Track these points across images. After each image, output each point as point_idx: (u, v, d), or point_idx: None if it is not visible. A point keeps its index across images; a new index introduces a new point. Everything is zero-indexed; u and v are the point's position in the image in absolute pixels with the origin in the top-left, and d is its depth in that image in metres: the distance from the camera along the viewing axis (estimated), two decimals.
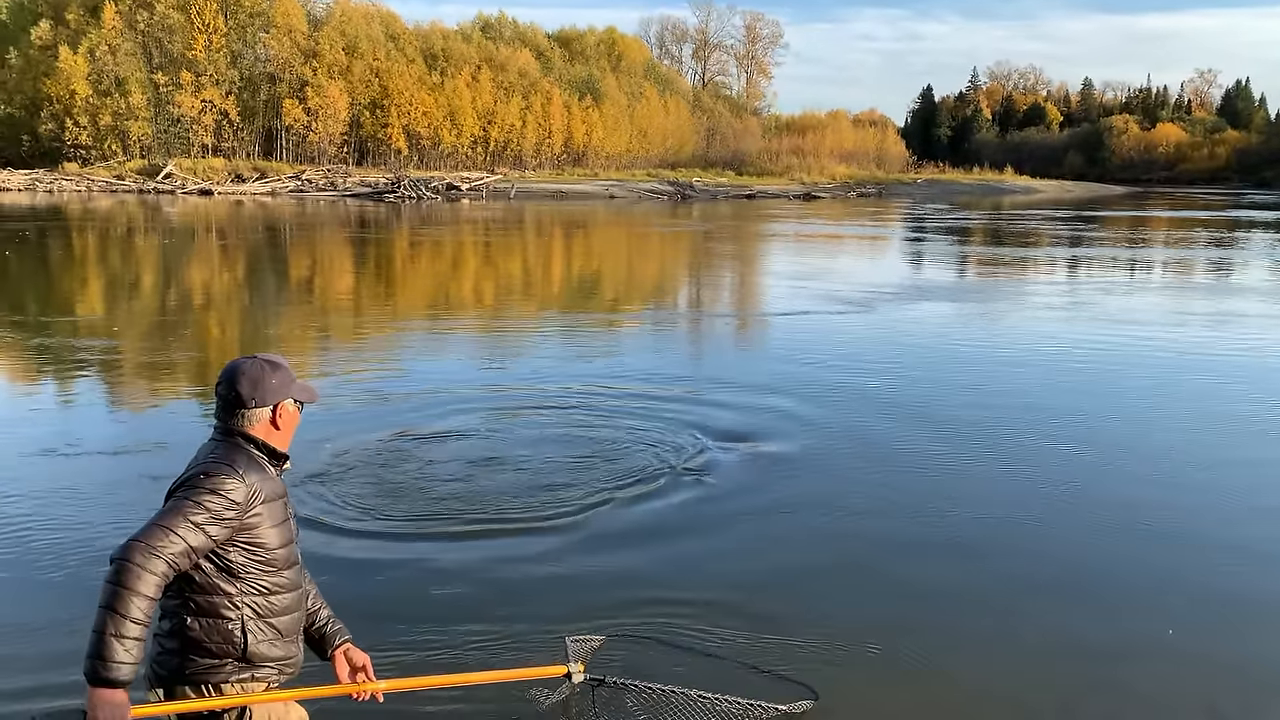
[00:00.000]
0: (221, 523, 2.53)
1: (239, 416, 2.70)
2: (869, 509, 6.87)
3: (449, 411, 9.21)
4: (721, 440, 8.34)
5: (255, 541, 2.63)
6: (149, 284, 20.07)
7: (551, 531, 6.30)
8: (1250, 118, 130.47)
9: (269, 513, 2.66)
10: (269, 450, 2.72)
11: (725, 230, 39.40)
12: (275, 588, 2.69)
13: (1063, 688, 4.55)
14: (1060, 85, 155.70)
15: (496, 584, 5.50)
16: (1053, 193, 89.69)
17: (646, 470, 7.51)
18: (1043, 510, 6.89)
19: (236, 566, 2.61)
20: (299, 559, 2.82)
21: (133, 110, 58.37)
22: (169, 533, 2.46)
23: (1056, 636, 5.05)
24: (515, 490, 7.04)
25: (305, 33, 65.87)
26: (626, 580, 5.59)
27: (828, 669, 4.62)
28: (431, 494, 6.96)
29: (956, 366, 11.94)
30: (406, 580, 5.53)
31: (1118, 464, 8.02)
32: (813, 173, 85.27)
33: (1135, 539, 6.41)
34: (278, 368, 2.76)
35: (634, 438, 8.38)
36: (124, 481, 7.14)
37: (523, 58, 78.53)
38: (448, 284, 21.45)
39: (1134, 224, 46.86)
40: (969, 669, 4.71)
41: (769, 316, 16.83)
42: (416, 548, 6.04)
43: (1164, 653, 4.90)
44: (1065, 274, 24.66)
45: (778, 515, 6.71)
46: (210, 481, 2.55)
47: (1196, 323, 15.89)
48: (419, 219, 41.01)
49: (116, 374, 11.18)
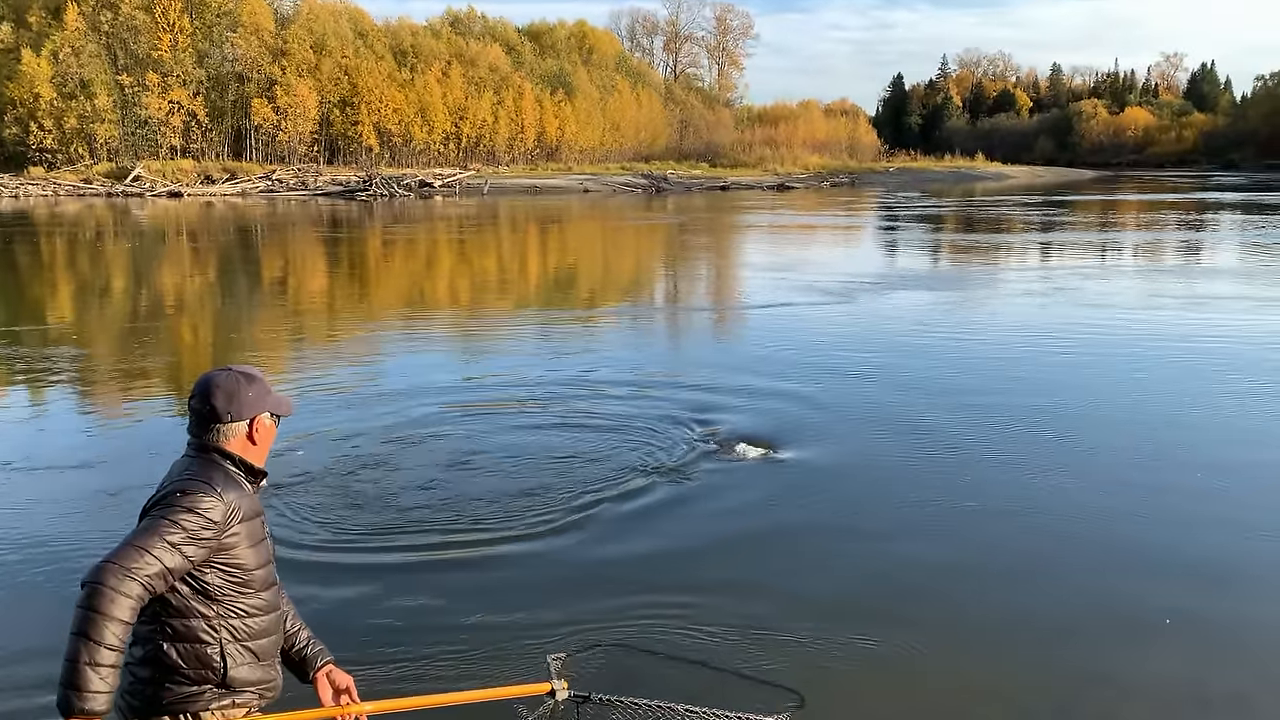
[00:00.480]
0: (199, 543, 2.44)
1: (214, 431, 2.60)
2: (856, 506, 6.84)
3: (420, 414, 9.10)
4: (702, 438, 8.29)
5: (233, 562, 2.54)
6: (118, 289, 19.80)
7: (528, 539, 6.18)
8: (1216, 100, 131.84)
9: (247, 532, 2.57)
10: (246, 466, 2.63)
11: (701, 222, 39.37)
12: (253, 610, 2.60)
13: (1059, 684, 4.53)
14: (1029, 71, 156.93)
15: (472, 596, 5.37)
16: (1024, 178, 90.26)
17: (626, 471, 7.44)
18: (1033, 501, 6.88)
19: (214, 588, 2.52)
20: (277, 579, 2.73)
21: (98, 113, 57.57)
22: (144, 553, 2.35)
23: (1052, 631, 5.03)
24: (491, 495, 6.93)
25: (273, 31, 65.18)
26: (608, 587, 5.50)
27: (815, 671, 4.58)
28: (399, 503, 6.78)
29: (940, 357, 11.94)
30: (372, 597, 5.32)
31: (1109, 450, 8.03)
32: (786, 163, 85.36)
33: (1130, 525, 6.42)
34: (253, 380, 2.66)
35: (613, 437, 8.32)
36: (90, 495, 7.00)
37: (493, 53, 78.08)
38: (421, 282, 21.29)
39: (1105, 208, 47.21)
40: (960, 666, 4.68)
41: (748, 310, 16.80)
42: (384, 560, 5.86)
43: (1162, 643, 4.89)
44: (1042, 260, 24.79)
45: (761, 514, 6.66)
46: (187, 500, 2.45)
47: (1178, 305, 15.97)
48: (391, 217, 40.73)
49: (83, 383, 11.00)
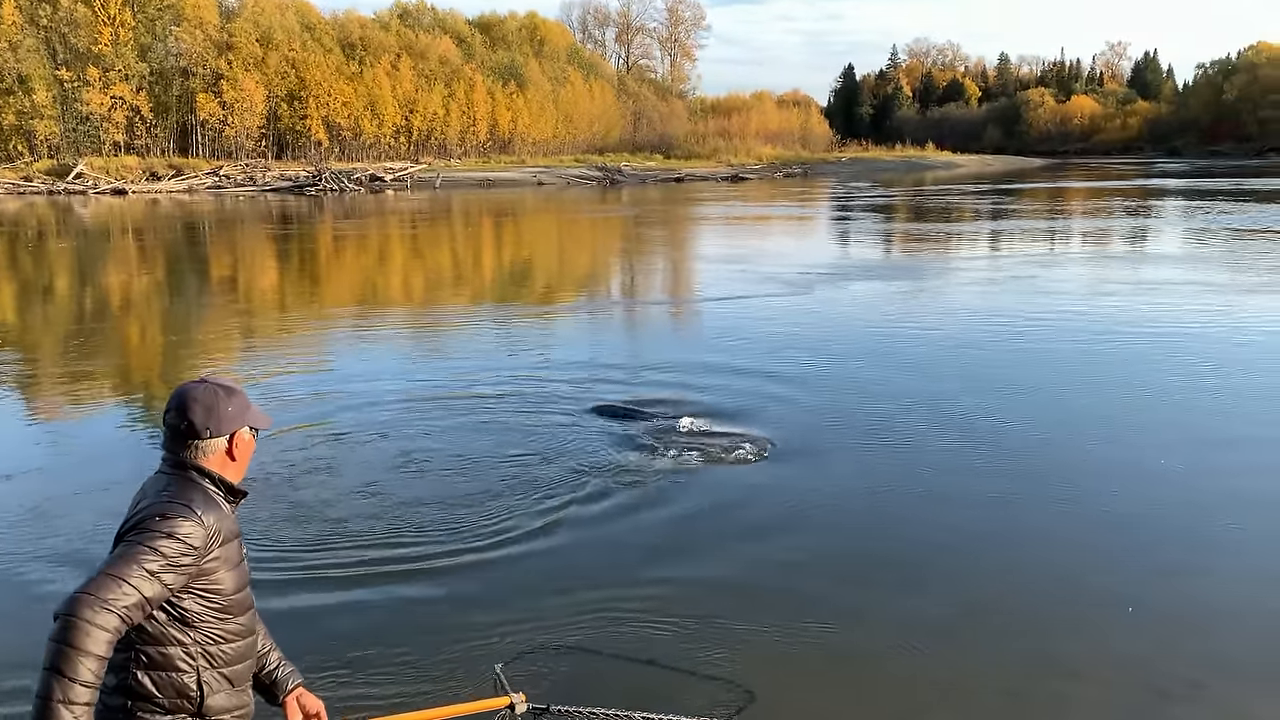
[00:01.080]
0: (178, 570, 2.32)
1: (192, 448, 2.47)
2: (812, 500, 6.84)
3: (368, 414, 8.96)
4: (658, 436, 8.25)
5: (212, 587, 2.43)
6: (60, 289, 19.33)
7: (471, 547, 6.02)
8: (1159, 88, 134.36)
9: (226, 555, 2.46)
10: (226, 486, 2.51)
11: (656, 214, 39.33)
12: (230, 635, 2.50)
13: (1013, 675, 4.56)
14: (978, 61, 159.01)
15: (416, 607, 5.24)
16: (973, 167, 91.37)
17: (575, 472, 7.38)
18: (997, 494, 6.93)
19: (191, 615, 2.41)
20: (253, 602, 2.62)
21: (38, 108, 56.18)
22: (121, 583, 2.22)
23: (1012, 626, 5.05)
24: (436, 500, 6.80)
25: (217, 25, 64.01)
26: (555, 590, 5.40)
27: (770, 668, 4.57)
28: (340, 512, 6.54)
29: (896, 347, 12.01)
30: (313, 613, 5.15)
31: (1076, 440, 8.12)
32: (739, 154, 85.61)
33: (1092, 521, 6.48)
34: (233, 393, 2.53)
35: (567, 435, 8.26)
36: (31, 504, 6.80)
37: (443, 45, 77.34)
38: (372, 279, 21.02)
39: (1053, 195, 47.90)
40: (915, 661, 4.68)
41: (704, 302, 16.80)
42: (327, 574, 5.63)
43: (1119, 632, 4.93)
44: (995, 248, 25.07)
45: (714, 513, 6.64)
46: (166, 524, 2.32)
47: (1129, 292, 16.20)
48: (342, 212, 40.22)
49: (23, 389, 10.71)
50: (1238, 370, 10.33)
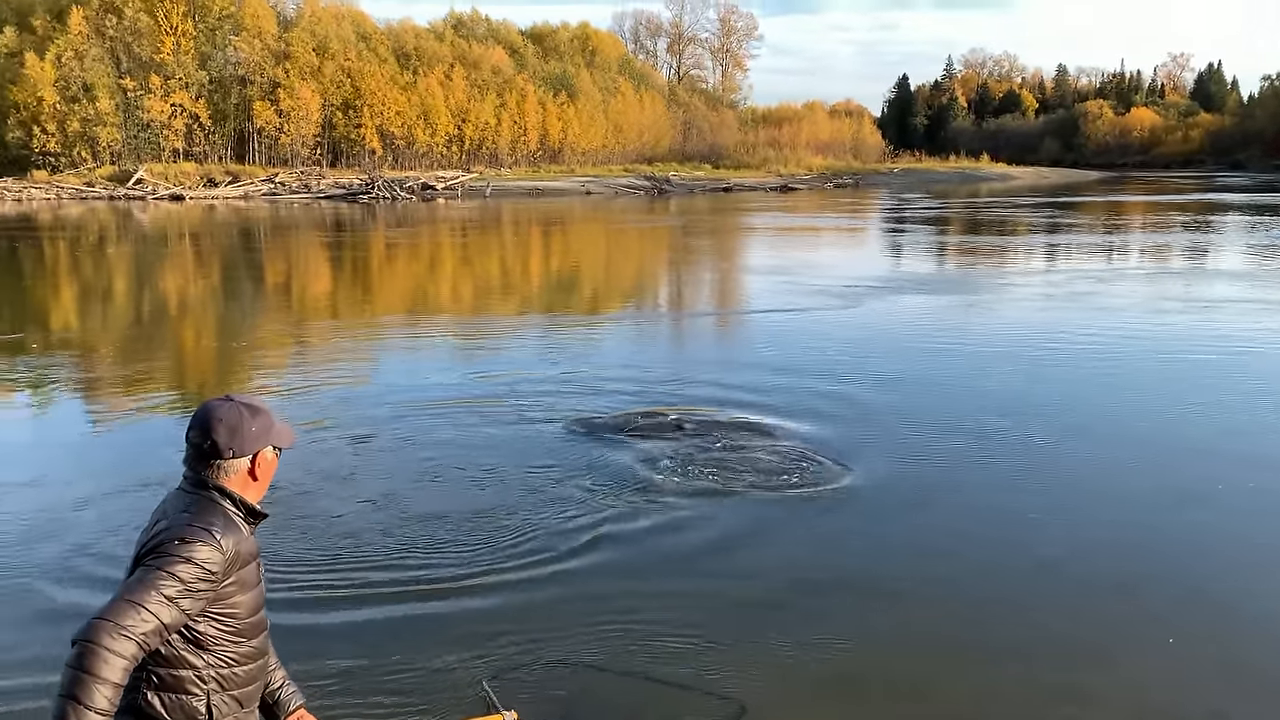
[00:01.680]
0: (196, 595, 2.31)
1: (214, 468, 2.45)
2: (854, 528, 6.67)
3: (404, 420, 8.93)
4: (695, 452, 8.11)
5: (228, 611, 2.42)
6: (120, 293, 19.68)
7: (473, 565, 5.91)
8: (1223, 100, 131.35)
9: (244, 578, 2.45)
10: (246, 508, 2.48)
11: (704, 224, 39.19)
12: (242, 658, 2.49)
13: (1024, 696, 4.37)
14: (1035, 72, 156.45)
15: (411, 625, 5.13)
16: (1029, 179, 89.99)
17: (602, 486, 7.27)
18: (1013, 512, 6.70)
19: (205, 638, 2.40)
20: (268, 624, 2.61)
21: (101, 116, 57.51)
22: (140, 610, 2.22)
23: (1022, 643, 4.86)
24: (447, 514, 6.71)
25: (275, 34, 65.16)
26: (545, 603, 5.31)
27: (757, 681, 4.47)
28: (350, 525, 6.49)
29: (952, 363, 11.74)
30: (307, 629, 5.06)
31: (1145, 460, 7.85)
32: (789, 164, 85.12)
33: (1131, 542, 6.24)
34: (257, 412, 2.51)
35: (599, 449, 8.15)
36: (82, 509, 6.84)
37: (496, 55, 77.98)
38: (421, 285, 21.13)
39: (1111, 210, 46.96)
40: (913, 677, 4.51)
41: (750, 315, 16.62)
42: (329, 593, 5.50)
43: (1142, 655, 4.71)
44: (1052, 263, 24.56)
45: (749, 537, 6.48)
46: (185, 549, 2.31)
47: (1193, 310, 15.73)
48: (394, 220, 40.60)
49: (83, 392, 10.86)
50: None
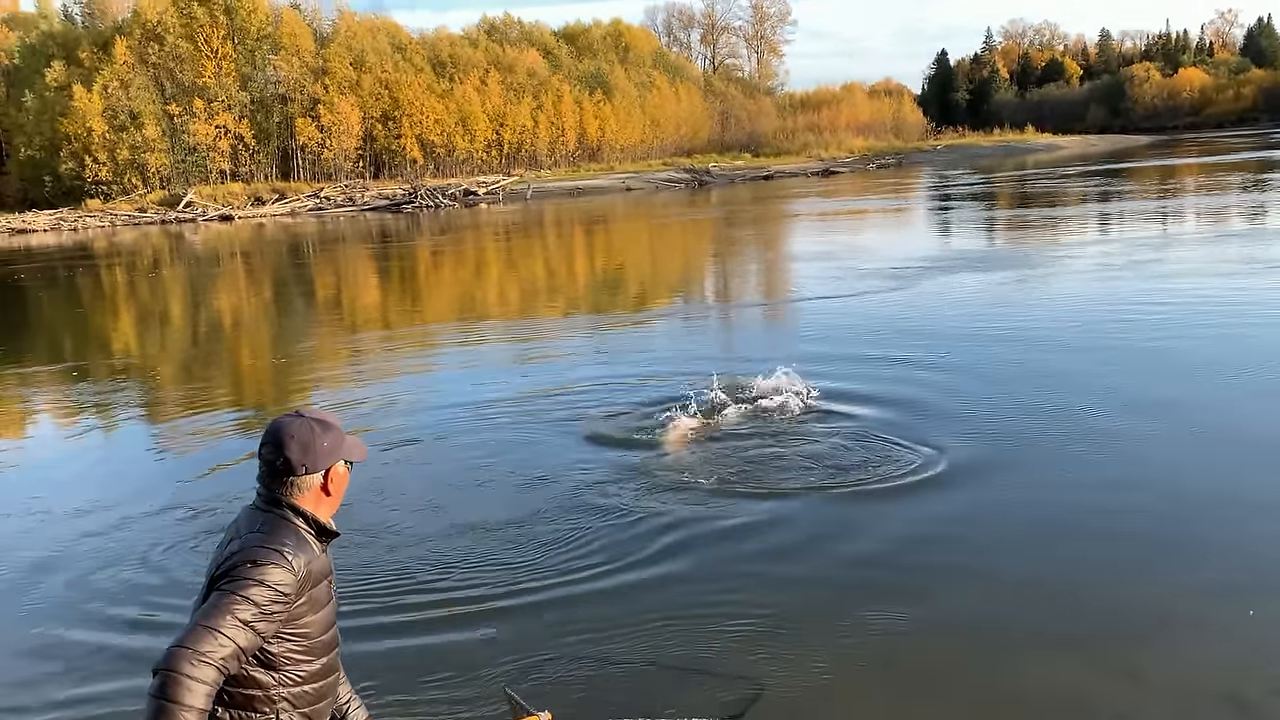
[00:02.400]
0: (270, 617, 2.35)
1: (287, 485, 2.47)
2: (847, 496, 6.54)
3: (454, 422, 8.95)
4: (756, 451, 8.02)
5: (299, 631, 2.44)
6: (175, 314, 20.05)
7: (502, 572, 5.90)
8: (1275, 55, 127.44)
9: (315, 596, 2.46)
10: (318, 526, 2.49)
11: (747, 214, 38.94)
12: (312, 676, 2.50)
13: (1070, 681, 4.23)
14: (1077, 38, 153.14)
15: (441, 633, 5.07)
16: (1076, 148, 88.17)
17: (647, 489, 7.21)
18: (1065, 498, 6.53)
19: (277, 658, 2.41)
20: (339, 641, 2.62)
21: (149, 143, 58.78)
22: (217, 635, 2.25)
23: (1047, 636, 4.72)
24: (486, 522, 6.75)
25: (313, 51, 66.08)
26: (547, 601, 5.30)
27: (775, 664, 4.47)
28: (389, 532, 6.55)
29: (1023, 342, 11.45)
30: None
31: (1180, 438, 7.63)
32: (830, 148, 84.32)
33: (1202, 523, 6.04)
34: (329, 428, 2.52)
35: (648, 453, 8.09)
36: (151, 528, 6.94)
37: (530, 57, 78.29)
38: (469, 290, 21.23)
39: (1163, 174, 45.82)
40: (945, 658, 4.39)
41: (802, 302, 16.38)
42: (366, 601, 5.46)
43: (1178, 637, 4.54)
44: (1109, 231, 23.98)
45: (810, 545, 6.39)
46: (258, 571, 2.33)
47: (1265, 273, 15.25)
48: (438, 227, 40.93)
49: (144, 413, 11.05)
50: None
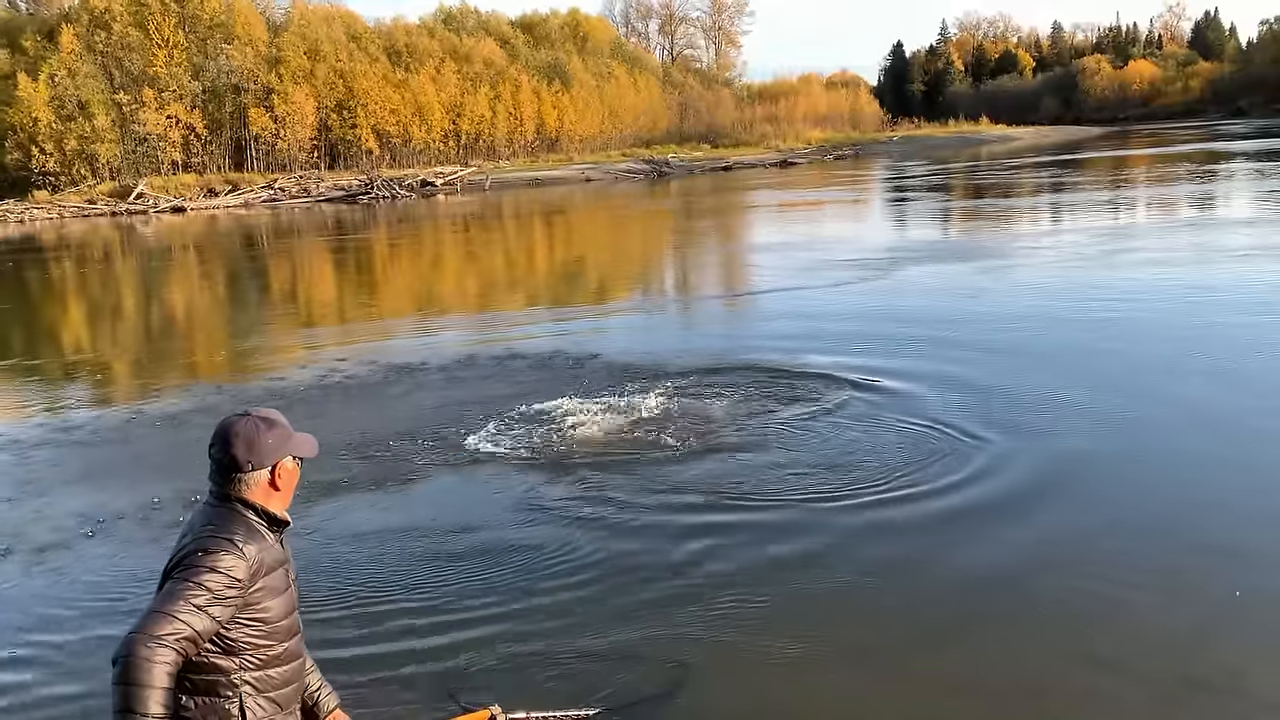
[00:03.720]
0: (224, 602, 2.42)
1: (235, 481, 2.56)
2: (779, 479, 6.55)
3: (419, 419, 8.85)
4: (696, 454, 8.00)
5: (257, 616, 2.52)
6: (127, 307, 19.64)
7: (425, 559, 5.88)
8: (1221, 48, 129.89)
9: (271, 583, 2.55)
10: (268, 516, 2.58)
11: (710, 205, 38.96)
12: (275, 660, 2.58)
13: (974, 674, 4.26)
14: (1030, 31, 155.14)
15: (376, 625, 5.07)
16: (1029, 139, 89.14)
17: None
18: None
19: (236, 643, 2.49)
20: (300, 628, 2.70)
21: (98, 133, 57.50)
22: (172, 619, 2.33)
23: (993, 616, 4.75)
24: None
25: (266, 40, 64.99)
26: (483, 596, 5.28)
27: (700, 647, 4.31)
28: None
29: (1014, 328, 11.58)
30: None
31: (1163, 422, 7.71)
32: (788, 139, 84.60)
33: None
34: (273, 424, 2.62)
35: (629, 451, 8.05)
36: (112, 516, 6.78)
37: (487, 47, 77.61)
38: (429, 282, 21.03)
39: (1117, 165, 46.49)
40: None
41: (773, 294, 16.44)
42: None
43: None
44: (1070, 222, 24.22)
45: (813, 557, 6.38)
46: (209, 559, 2.41)
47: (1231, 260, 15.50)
48: (395, 218, 40.50)
49: (95, 406, 10.81)
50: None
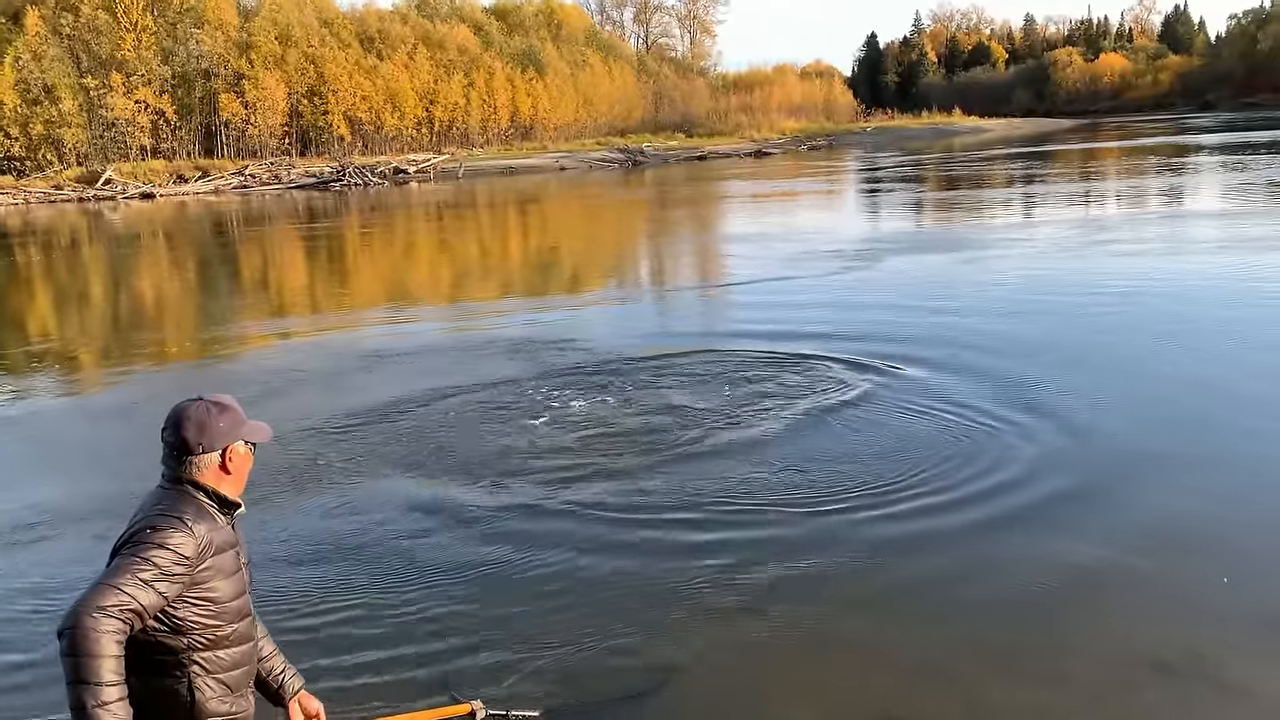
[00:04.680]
0: (172, 579, 2.40)
1: (186, 464, 2.57)
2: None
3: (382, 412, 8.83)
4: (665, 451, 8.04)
5: (206, 596, 2.51)
6: (95, 295, 19.41)
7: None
8: (1191, 42, 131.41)
9: (220, 564, 2.54)
10: (219, 498, 2.59)
11: (681, 195, 38.98)
12: (225, 641, 2.57)
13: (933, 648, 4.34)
14: (1003, 23, 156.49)
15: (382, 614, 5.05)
16: (1001, 131, 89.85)
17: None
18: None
19: (185, 623, 2.49)
20: (251, 610, 2.72)
21: (65, 117, 56.60)
22: (117, 592, 2.31)
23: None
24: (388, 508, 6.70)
25: (237, 25, 64.19)
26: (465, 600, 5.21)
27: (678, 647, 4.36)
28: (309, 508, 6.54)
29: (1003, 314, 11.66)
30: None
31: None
32: (763, 129, 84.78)
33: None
34: (225, 409, 2.63)
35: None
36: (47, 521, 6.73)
37: (461, 34, 77.06)
38: (402, 273, 20.93)
39: (1087, 157, 46.93)
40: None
41: (745, 285, 16.50)
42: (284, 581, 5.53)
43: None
44: (1043, 214, 24.44)
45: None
46: (158, 536, 2.41)
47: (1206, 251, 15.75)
48: (367, 206, 40.22)
49: (57, 394, 10.70)
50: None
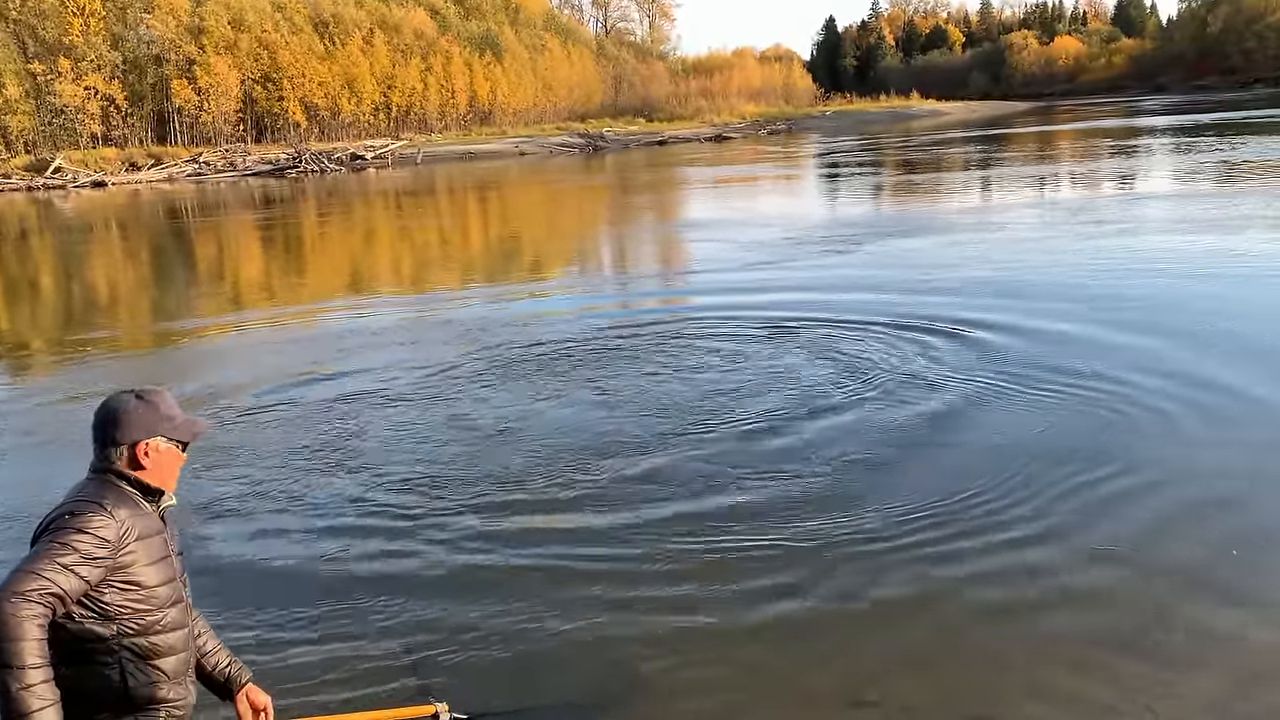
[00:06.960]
0: (93, 563, 2.39)
1: (108, 454, 2.58)
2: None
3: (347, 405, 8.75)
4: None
5: (131, 580, 2.50)
6: (45, 286, 19.03)
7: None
8: (1143, 25, 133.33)
9: (144, 550, 2.53)
10: (141, 486, 2.59)
11: (642, 180, 38.92)
12: (156, 628, 2.56)
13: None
14: (960, 6, 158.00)
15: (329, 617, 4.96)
16: (959, 114, 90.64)
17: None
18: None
19: (111, 608, 2.48)
20: (184, 597, 2.70)
21: (10, 104, 55.29)
22: (37, 577, 2.31)
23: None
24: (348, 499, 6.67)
25: (188, 10, 62.99)
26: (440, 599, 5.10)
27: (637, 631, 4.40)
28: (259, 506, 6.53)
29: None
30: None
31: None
32: (722, 113, 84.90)
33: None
34: (148, 402, 2.63)
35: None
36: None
37: (418, 18, 76.25)
38: (359, 261, 20.72)
39: (1044, 140, 47.47)
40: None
41: (729, 273, 16.49)
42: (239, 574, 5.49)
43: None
44: (1022, 196, 24.65)
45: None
46: (77, 520, 2.41)
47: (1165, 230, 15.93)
48: (324, 192, 39.76)
49: (11, 388, 10.48)
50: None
